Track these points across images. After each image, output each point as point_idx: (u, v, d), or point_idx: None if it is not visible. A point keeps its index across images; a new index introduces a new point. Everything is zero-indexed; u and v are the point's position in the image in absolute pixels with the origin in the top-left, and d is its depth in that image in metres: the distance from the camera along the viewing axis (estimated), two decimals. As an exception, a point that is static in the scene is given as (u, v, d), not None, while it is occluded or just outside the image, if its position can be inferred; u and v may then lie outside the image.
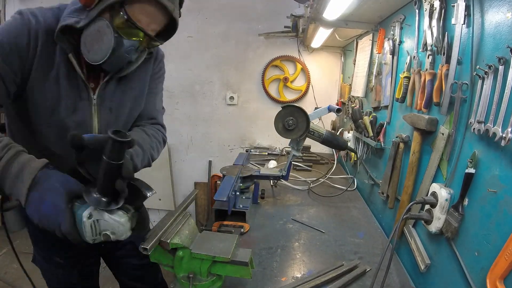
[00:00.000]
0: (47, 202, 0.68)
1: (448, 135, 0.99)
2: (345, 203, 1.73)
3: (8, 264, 2.65)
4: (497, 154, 0.78)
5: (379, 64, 1.70)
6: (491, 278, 0.74)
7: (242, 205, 1.46)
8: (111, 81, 1.00)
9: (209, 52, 3.01)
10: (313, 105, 2.98)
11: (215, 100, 3.11)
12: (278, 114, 1.47)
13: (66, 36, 0.87)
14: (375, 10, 1.59)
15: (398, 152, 1.35)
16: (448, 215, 0.94)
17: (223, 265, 0.90)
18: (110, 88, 1.01)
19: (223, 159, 3.18)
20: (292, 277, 1.07)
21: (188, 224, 0.99)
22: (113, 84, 1.01)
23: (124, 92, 1.05)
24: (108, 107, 1.02)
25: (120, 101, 1.04)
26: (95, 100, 0.98)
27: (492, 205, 0.79)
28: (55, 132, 0.95)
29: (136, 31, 0.89)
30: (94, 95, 0.98)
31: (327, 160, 2.59)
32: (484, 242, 0.81)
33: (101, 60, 0.86)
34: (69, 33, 0.87)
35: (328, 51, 2.93)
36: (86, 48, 0.87)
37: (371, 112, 1.81)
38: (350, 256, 1.21)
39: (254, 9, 2.91)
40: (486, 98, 0.80)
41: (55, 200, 0.68)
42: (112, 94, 1.01)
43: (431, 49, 1.10)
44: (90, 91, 0.97)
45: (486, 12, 0.85)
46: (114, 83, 1.01)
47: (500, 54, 0.77)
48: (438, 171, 1.06)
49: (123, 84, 1.04)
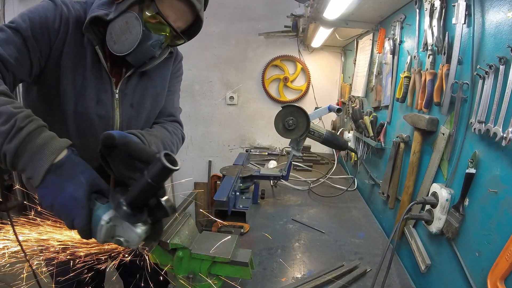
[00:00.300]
0: (67, 191, 0.64)
1: (448, 135, 0.99)
2: (345, 203, 1.73)
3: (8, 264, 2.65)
4: (498, 154, 0.78)
5: (380, 64, 1.70)
6: (492, 278, 0.74)
7: (242, 205, 1.46)
8: (133, 77, 1.02)
9: (209, 52, 3.00)
10: (313, 105, 2.98)
11: (215, 100, 3.11)
12: (278, 114, 1.47)
13: (93, 28, 0.90)
14: (375, 10, 1.59)
15: (398, 152, 1.34)
16: (449, 216, 0.94)
17: (223, 266, 0.90)
18: (132, 83, 1.02)
19: (223, 159, 3.18)
20: (292, 278, 1.07)
21: (188, 225, 0.98)
22: (134, 80, 1.03)
23: (145, 89, 1.06)
24: (130, 102, 1.03)
25: (141, 97, 1.06)
26: (117, 94, 1.00)
27: (493, 205, 0.79)
28: (78, 123, 0.96)
29: (164, 27, 0.92)
30: (116, 89, 1.00)
31: (328, 160, 2.59)
32: (485, 242, 0.80)
33: (127, 52, 0.88)
34: (96, 26, 0.91)
35: (329, 50, 2.92)
36: (113, 39, 0.89)
37: (372, 112, 1.80)
38: (351, 256, 1.21)
39: (254, 9, 2.90)
40: (487, 98, 0.80)
41: (76, 193, 0.64)
42: (133, 90, 1.03)
43: (432, 48, 1.10)
44: (113, 85, 0.99)
45: (487, 11, 0.85)
46: (135, 79, 1.03)
47: (500, 53, 0.76)
48: (438, 171, 1.06)
49: (145, 81, 1.05)
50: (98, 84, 0.96)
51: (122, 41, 0.88)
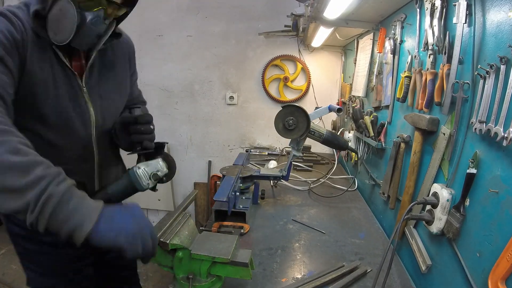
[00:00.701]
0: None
1: (449, 135, 0.98)
2: (345, 204, 1.73)
3: (7, 265, 2.64)
4: (499, 154, 0.78)
5: (380, 64, 1.69)
6: (493, 279, 0.73)
7: (242, 205, 1.45)
8: (94, 69, 1.04)
9: (208, 52, 3.00)
10: (314, 104, 2.97)
11: (215, 99, 3.10)
12: (278, 114, 1.47)
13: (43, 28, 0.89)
14: (376, 9, 1.58)
15: (399, 152, 1.34)
16: (450, 216, 0.93)
17: (223, 266, 0.90)
18: (94, 76, 1.04)
19: (223, 159, 3.17)
20: (292, 278, 1.07)
21: (187, 225, 0.98)
22: (96, 73, 1.05)
23: (108, 79, 1.09)
24: (98, 93, 1.05)
25: (106, 87, 1.08)
26: (85, 88, 1.01)
27: (494, 206, 0.78)
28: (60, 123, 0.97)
29: (97, 0, 0.89)
30: (82, 82, 1.01)
31: (328, 160, 2.59)
32: (486, 243, 0.80)
33: (69, 38, 0.86)
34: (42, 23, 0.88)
35: (329, 50, 2.92)
36: (53, 31, 0.87)
37: (372, 112, 1.80)
38: (351, 257, 1.21)
39: (254, 8, 2.90)
40: (488, 97, 0.80)
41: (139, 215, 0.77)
42: (97, 81, 1.05)
43: (432, 48, 1.09)
44: (78, 79, 0.99)
45: (488, 11, 0.84)
46: (96, 72, 1.05)
47: (501, 53, 0.76)
48: (439, 171, 1.05)
49: (106, 72, 1.08)
50: (67, 81, 0.96)
51: (61, 30, 0.86)
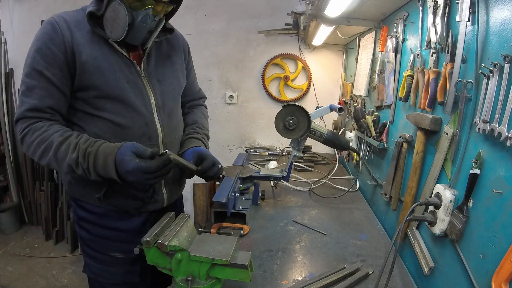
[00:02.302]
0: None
1: (452, 135, 0.97)
2: (347, 205, 1.71)
3: (3, 267, 2.64)
4: (503, 154, 0.76)
5: (382, 62, 1.68)
6: (497, 281, 0.72)
7: (241, 206, 1.44)
8: (151, 57, 1.16)
9: (208, 50, 2.98)
10: (315, 104, 2.96)
11: (214, 99, 3.08)
12: (279, 113, 1.45)
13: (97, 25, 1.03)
14: (378, 7, 1.57)
15: (401, 152, 1.33)
16: (453, 217, 0.92)
17: (222, 268, 0.89)
18: (152, 64, 1.16)
19: (222, 159, 3.11)
20: (293, 280, 1.06)
21: (186, 226, 0.97)
22: (153, 61, 1.16)
23: (165, 66, 1.21)
24: (156, 78, 1.16)
25: (163, 73, 1.19)
26: (143, 74, 1.13)
27: (498, 207, 0.77)
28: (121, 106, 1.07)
29: (145, 1, 1.00)
30: (140, 69, 1.12)
31: (329, 160, 2.57)
32: (489, 244, 0.79)
33: (123, 35, 0.99)
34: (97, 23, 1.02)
35: (330, 49, 2.90)
36: (109, 29, 1.00)
37: (374, 112, 1.78)
38: (352, 258, 1.19)
39: (254, 6, 2.88)
40: (491, 97, 0.78)
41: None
42: (155, 68, 1.17)
43: (435, 47, 1.08)
44: (137, 66, 1.10)
45: (491, 9, 0.83)
46: (153, 60, 1.17)
47: (505, 52, 0.74)
48: (442, 171, 1.04)
49: (163, 61, 1.20)
50: (125, 66, 1.07)
51: (116, 28, 0.99)
